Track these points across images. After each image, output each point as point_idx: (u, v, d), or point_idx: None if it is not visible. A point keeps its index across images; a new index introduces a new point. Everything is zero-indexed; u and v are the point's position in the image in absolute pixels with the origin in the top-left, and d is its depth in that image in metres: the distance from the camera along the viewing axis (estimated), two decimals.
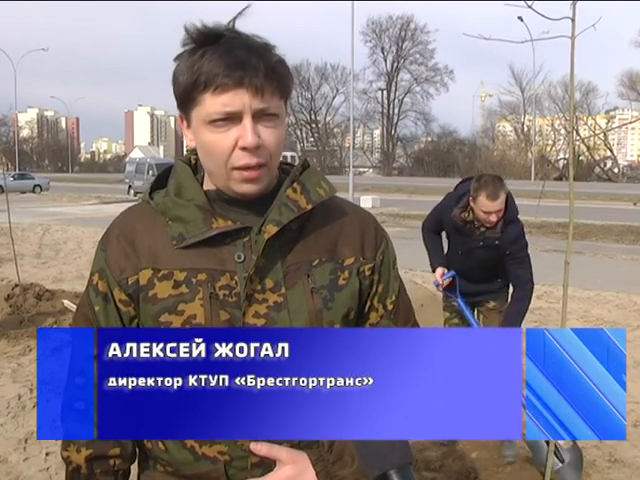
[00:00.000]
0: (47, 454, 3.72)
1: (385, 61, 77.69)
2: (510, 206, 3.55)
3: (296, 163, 1.29)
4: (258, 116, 1.11)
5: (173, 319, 1.16)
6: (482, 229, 3.59)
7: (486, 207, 3.44)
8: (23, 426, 4.11)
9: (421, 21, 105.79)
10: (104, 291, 1.22)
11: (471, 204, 3.54)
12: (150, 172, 33.79)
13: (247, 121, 1.10)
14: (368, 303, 1.27)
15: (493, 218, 3.48)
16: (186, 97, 1.13)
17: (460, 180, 3.88)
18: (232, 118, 1.11)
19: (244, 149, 1.11)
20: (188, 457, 1.19)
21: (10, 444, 3.85)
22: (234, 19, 1.15)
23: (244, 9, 1.16)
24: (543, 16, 2.82)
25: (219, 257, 1.17)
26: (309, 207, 1.19)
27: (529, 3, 2.79)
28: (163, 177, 1.28)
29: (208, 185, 1.22)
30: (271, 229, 1.15)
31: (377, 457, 0.98)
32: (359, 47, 74.47)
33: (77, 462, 1.23)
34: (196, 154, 1.25)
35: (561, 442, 3.20)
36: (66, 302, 7.11)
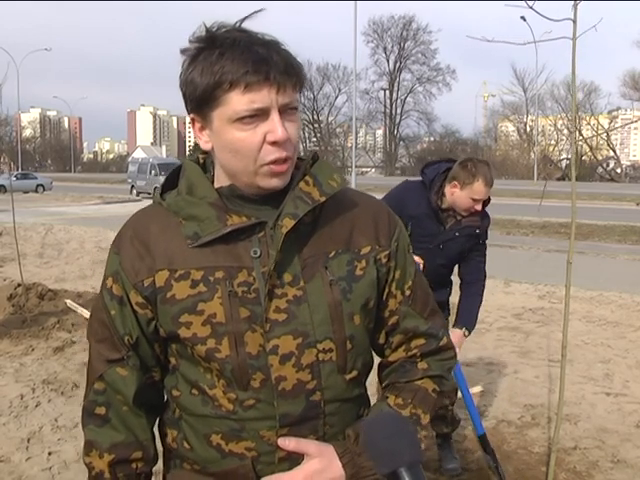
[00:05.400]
0: (49, 453, 3.72)
1: (387, 61, 77.72)
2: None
3: None
4: (283, 111, 1.12)
5: (193, 319, 1.16)
6: (457, 218, 3.24)
7: (480, 194, 3.10)
8: (25, 426, 4.11)
9: (423, 21, 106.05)
10: (119, 294, 1.21)
11: (450, 190, 3.16)
12: (153, 172, 33.84)
13: (275, 115, 1.10)
14: (386, 290, 1.26)
15: (479, 207, 3.17)
16: (207, 98, 1.11)
17: (424, 164, 3.46)
18: (259, 115, 1.10)
19: (274, 143, 1.11)
20: (215, 455, 1.20)
21: (12, 444, 3.85)
22: (243, 20, 1.15)
23: (256, 11, 1.16)
24: (544, 17, 2.82)
25: (235, 254, 1.16)
26: (323, 199, 1.19)
27: (530, 4, 2.80)
28: (173, 178, 1.27)
29: (219, 183, 1.21)
30: (288, 222, 1.15)
31: (387, 455, 0.99)
32: (361, 47, 74.55)
33: (100, 467, 1.23)
34: (205, 153, 1.24)
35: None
36: (69, 302, 7.12)
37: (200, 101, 1.13)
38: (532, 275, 9.39)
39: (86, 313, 6.73)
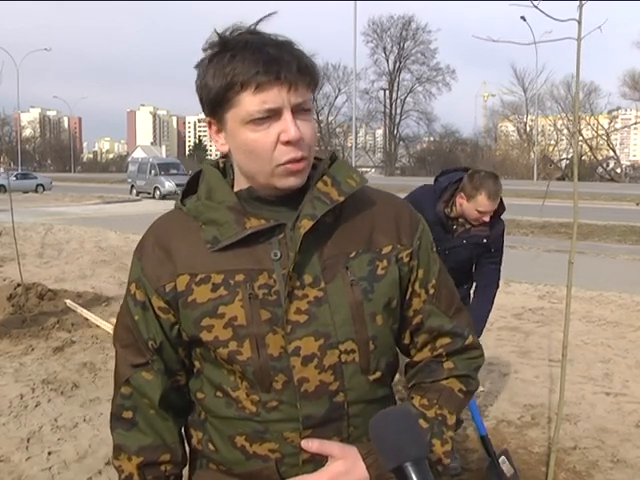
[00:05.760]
0: (49, 453, 3.72)
1: (387, 61, 77.84)
2: (500, 204, 3.34)
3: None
4: (296, 111, 1.11)
5: (214, 322, 1.16)
6: (467, 226, 3.34)
7: (484, 207, 3.20)
8: (25, 425, 4.11)
9: (422, 20, 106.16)
10: (142, 300, 1.22)
11: (459, 200, 3.28)
12: (152, 172, 33.80)
13: (287, 115, 1.10)
14: (410, 289, 1.25)
15: (487, 218, 3.26)
16: (219, 100, 1.12)
17: (440, 172, 3.59)
18: (272, 115, 1.10)
19: (287, 143, 1.11)
20: (239, 457, 1.20)
21: (12, 443, 3.85)
22: (257, 22, 1.15)
23: (269, 14, 1.16)
24: (550, 17, 2.82)
25: (255, 256, 1.17)
26: (341, 199, 1.18)
27: (535, 3, 2.79)
28: (193, 183, 1.27)
29: (239, 186, 1.21)
30: (306, 223, 1.14)
31: (393, 450, 0.98)
32: (360, 47, 74.61)
33: (129, 470, 1.25)
34: (224, 157, 1.25)
35: (504, 469, 3.19)
36: (68, 302, 7.11)
37: (214, 104, 1.14)
38: (532, 275, 9.39)
39: (86, 313, 6.73)
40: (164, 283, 1.19)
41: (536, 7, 2.75)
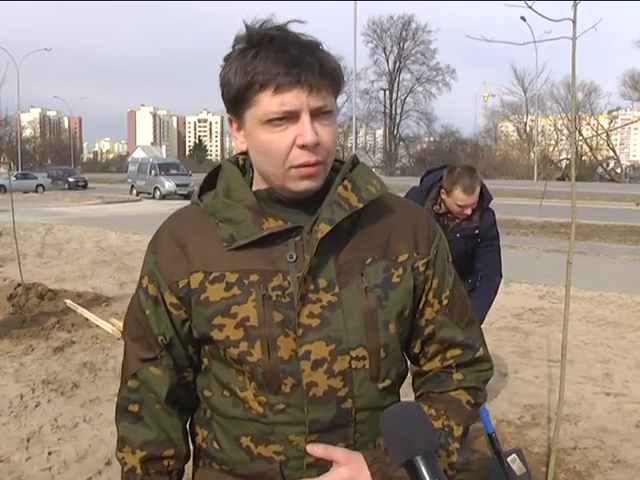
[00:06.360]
0: (49, 453, 3.72)
1: (387, 61, 77.85)
2: (484, 194, 3.46)
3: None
4: (315, 114, 1.10)
5: (226, 322, 1.16)
6: (456, 220, 3.47)
7: (462, 201, 3.33)
8: (25, 425, 4.11)
9: (422, 21, 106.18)
10: (154, 294, 1.22)
11: (442, 196, 3.42)
12: (152, 172, 33.82)
13: (305, 119, 1.09)
14: (423, 299, 1.25)
15: (468, 211, 3.38)
16: (239, 98, 1.11)
17: (425, 172, 3.72)
18: (289, 117, 1.09)
19: (303, 147, 1.09)
20: (244, 457, 1.20)
21: (12, 443, 3.85)
22: (288, 22, 1.13)
23: (293, 20, 1.13)
24: (544, 17, 2.82)
25: (271, 257, 1.16)
26: (360, 205, 1.17)
27: (530, 4, 2.80)
28: (211, 178, 1.26)
29: (258, 185, 1.20)
30: (324, 228, 1.14)
31: (403, 444, 0.98)
32: (360, 47, 74.55)
33: (132, 463, 1.25)
34: (244, 154, 1.24)
35: (514, 468, 3.18)
36: (68, 302, 7.11)
37: (234, 101, 1.13)
38: (532, 275, 9.39)
39: (86, 313, 6.74)
40: (177, 279, 1.19)
41: (530, 7, 2.76)
